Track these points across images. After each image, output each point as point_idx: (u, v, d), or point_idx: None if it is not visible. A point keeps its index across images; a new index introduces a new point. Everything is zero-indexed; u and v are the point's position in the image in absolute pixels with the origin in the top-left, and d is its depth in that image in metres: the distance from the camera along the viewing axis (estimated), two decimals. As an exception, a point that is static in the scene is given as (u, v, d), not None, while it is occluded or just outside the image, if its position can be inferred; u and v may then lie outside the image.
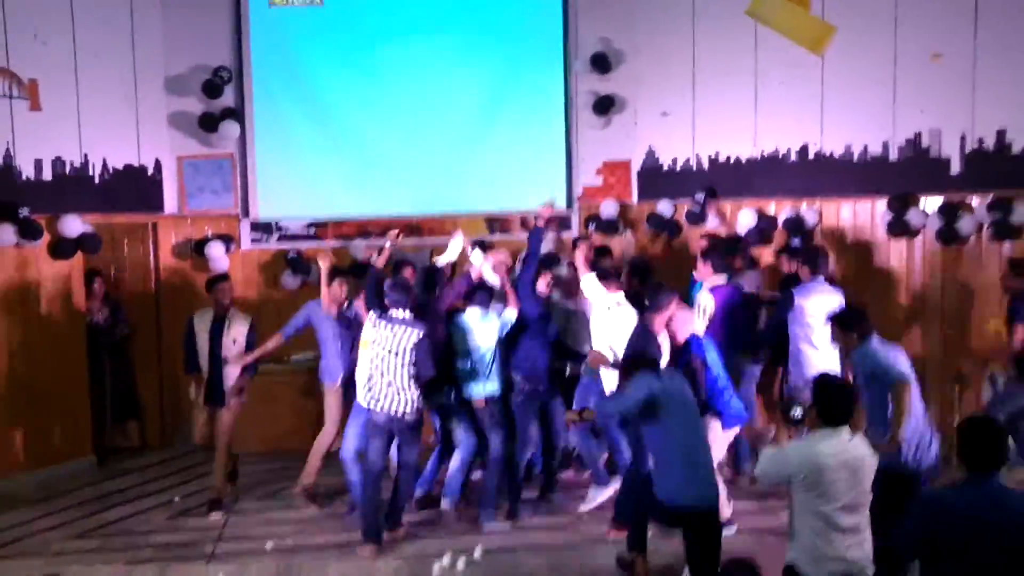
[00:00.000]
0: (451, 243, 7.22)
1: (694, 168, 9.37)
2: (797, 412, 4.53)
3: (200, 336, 7.19)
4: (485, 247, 7.35)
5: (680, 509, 5.11)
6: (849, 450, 4.25)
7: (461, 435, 6.85)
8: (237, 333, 7.13)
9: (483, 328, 6.72)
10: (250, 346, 7.16)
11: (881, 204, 8.44)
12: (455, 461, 6.89)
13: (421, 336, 6.25)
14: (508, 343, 6.82)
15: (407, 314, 6.33)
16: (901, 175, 8.39)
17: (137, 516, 7.21)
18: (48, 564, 5.89)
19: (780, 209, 8.93)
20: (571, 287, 7.26)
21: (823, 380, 4.53)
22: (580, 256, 6.96)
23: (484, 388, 6.70)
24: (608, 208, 9.48)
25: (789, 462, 4.29)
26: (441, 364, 6.56)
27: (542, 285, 6.94)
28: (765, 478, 4.52)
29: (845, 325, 5.59)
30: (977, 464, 3.65)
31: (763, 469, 4.47)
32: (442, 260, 7.23)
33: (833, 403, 4.32)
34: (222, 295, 7.24)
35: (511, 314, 6.77)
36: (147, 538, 6.74)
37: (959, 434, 3.75)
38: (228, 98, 9.07)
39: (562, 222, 9.55)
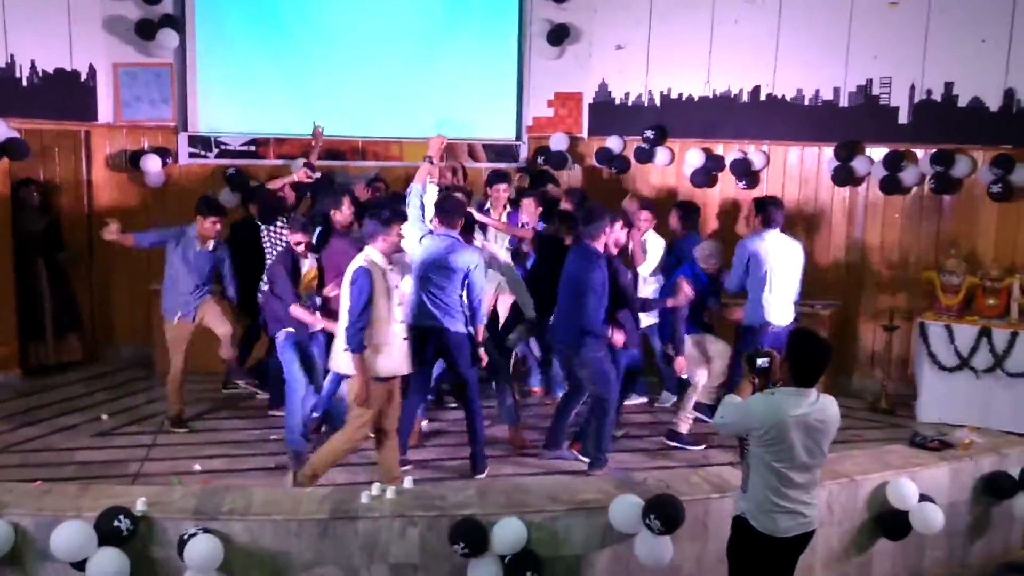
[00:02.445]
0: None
1: (646, 104, 9.26)
2: (763, 362, 4.38)
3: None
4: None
5: None
6: (815, 412, 4.12)
7: None
8: None
9: None
10: None
11: (828, 150, 8.44)
12: None
13: None
14: None
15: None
16: (849, 122, 8.36)
17: (61, 433, 7.08)
18: (-35, 479, 5.75)
19: (728, 150, 8.90)
20: None
21: (800, 335, 4.30)
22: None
23: None
24: (558, 141, 9.37)
25: (752, 415, 4.17)
26: None
27: None
28: (725, 428, 4.39)
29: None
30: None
31: (724, 418, 4.34)
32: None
33: (807, 361, 4.13)
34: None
35: None
36: (71, 456, 6.64)
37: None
38: (168, 4, 8.67)
39: (511, 153, 9.46)
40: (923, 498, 5.51)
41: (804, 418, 4.10)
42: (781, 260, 6.91)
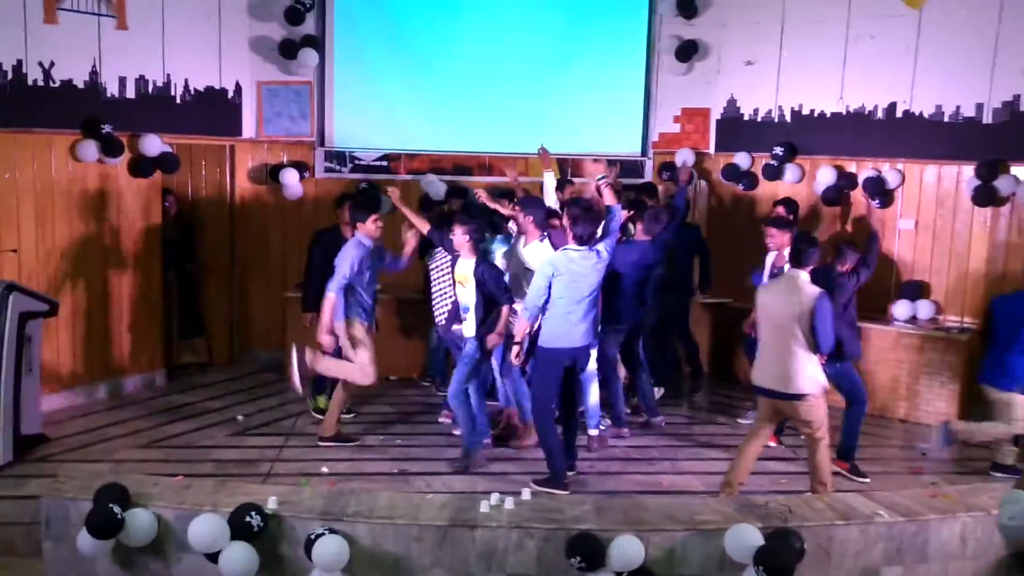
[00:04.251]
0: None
1: (775, 120, 9.10)
2: None
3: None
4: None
5: None
6: None
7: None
8: None
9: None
10: None
11: (968, 170, 8.08)
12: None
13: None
14: None
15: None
16: (993, 140, 7.98)
17: (201, 431, 7.46)
18: (112, 470, 6.14)
19: (861, 168, 8.65)
20: None
21: None
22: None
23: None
24: (683, 156, 9.31)
25: None
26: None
27: None
28: (1016, 530, 3.85)
29: None
30: None
31: (1015, 519, 3.84)
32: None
33: None
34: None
35: None
36: (208, 453, 6.99)
37: None
38: (309, 26, 9.07)
39: (635, 168, 9.47)
40: (1067, 537, 5.20)
41: None
42: None
